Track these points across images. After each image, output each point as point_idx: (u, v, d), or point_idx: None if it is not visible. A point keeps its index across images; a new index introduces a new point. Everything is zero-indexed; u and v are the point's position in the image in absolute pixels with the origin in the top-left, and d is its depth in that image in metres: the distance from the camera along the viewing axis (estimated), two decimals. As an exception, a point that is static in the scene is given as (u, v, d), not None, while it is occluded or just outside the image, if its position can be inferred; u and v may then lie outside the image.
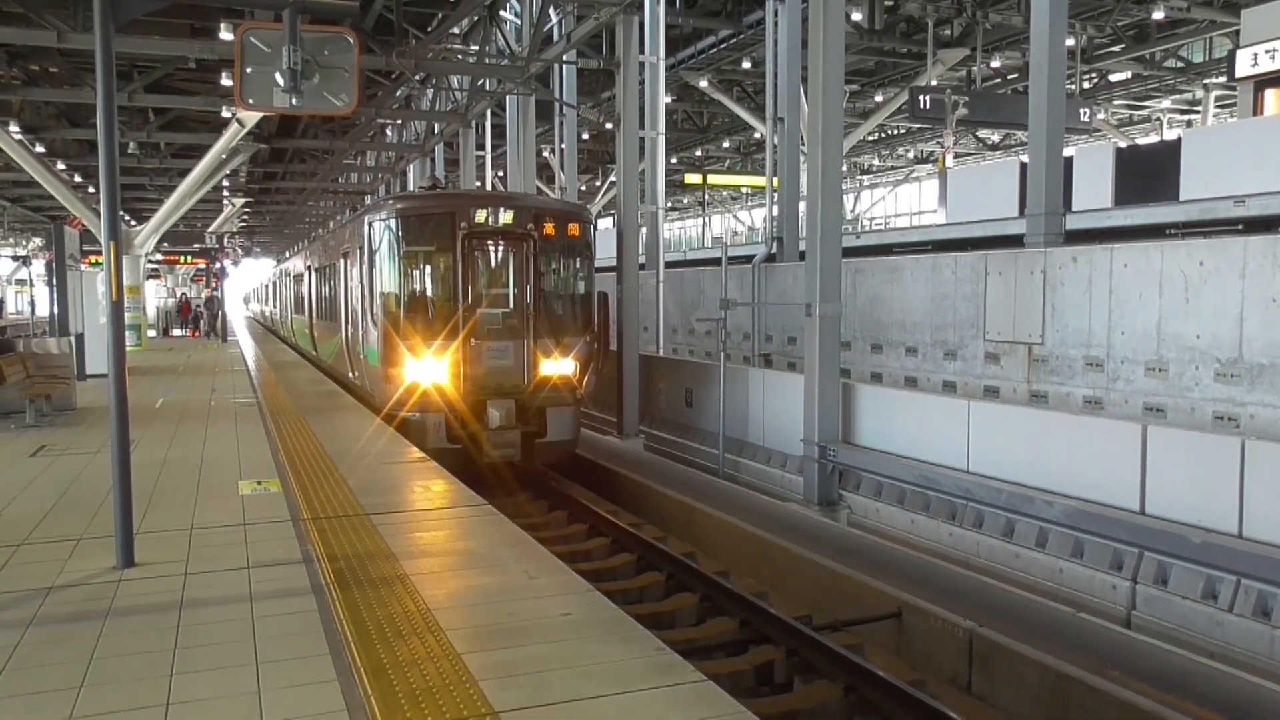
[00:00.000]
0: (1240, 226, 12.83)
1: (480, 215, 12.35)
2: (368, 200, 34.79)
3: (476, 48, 19.72)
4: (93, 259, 23.73)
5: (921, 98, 23.12)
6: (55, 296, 18.51)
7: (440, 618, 4.82)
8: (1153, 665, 6.44)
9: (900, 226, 46.02)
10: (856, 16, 23.14)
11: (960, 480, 10.55)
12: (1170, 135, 32.67)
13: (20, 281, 58.62)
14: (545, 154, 30.90)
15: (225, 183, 31.73)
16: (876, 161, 51.38)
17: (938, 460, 11.07)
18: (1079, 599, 8.75)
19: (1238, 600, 7.72)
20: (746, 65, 27.33)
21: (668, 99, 24.88)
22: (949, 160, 28.03)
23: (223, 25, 15.66)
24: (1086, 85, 31.07)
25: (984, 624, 6.95)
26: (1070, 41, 23.48)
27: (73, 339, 15.67)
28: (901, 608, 7.56)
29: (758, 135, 31.72)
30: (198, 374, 18.44)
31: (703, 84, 27.22)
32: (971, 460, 10.69)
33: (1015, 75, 29.77)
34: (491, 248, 12.60)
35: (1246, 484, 8.02)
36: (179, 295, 43.91)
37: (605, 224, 35.41)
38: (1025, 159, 15.53)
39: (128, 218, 34.80)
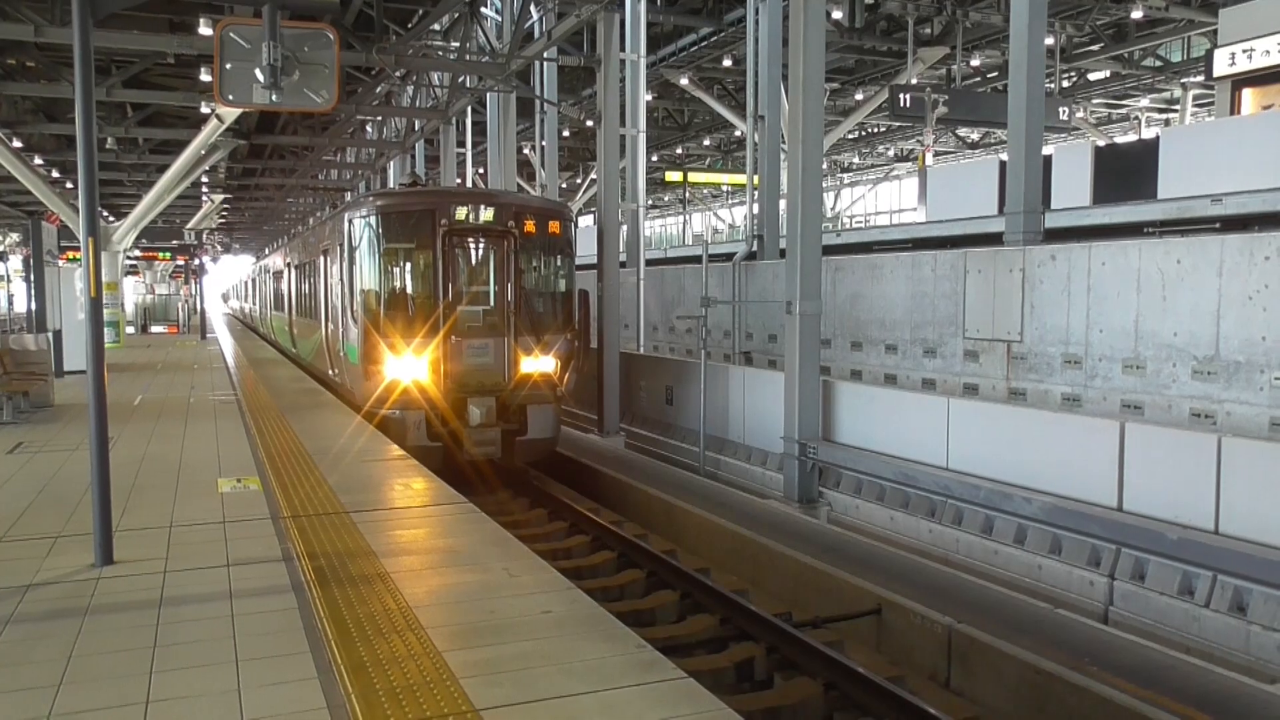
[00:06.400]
0: (1217, 225, 12.92)
1: (461, 212, 12.33)
2: (348, 197, 34.62)
3: (457, 44, 19.68)
4: (70, 255, 23.54)
5: (901, 96, 23.18)
6: (33, 293, 18.36)
7: (421, 615, 4.82)
8: (1130, 660, 6.49)
9: (880, 225, 46.20)
10: (837, 15, 23.21)
11: (939, 477, 10.60)
12: (1148, 134, 32.91)
13: (-4, 277, 57.94)
14: (526, 151, 30.80)
15: (204, 179, 31.54)
16: (857, 159, 51.53)
17: (917, 457, 11.11)
18: (1057, 595, 8.81)
19: (1214, 596, 7.79)
20: (727, 63, 27.38)
21: (648, 96, 24.87)
22: (929, 158, 28.10)
23: (202, 20, 15.61)
24: (1065, 84, 31.27)
25: (963, 620, 7.00)
26: (1049, 40, 23.60)
27: (50, 335, 15.53)
28: (881, 604, 7.60)
29: (738, 133, 31.66)
30: (177, 371, 18.32)
31: (683, 82, 27.21)
32: (951, 457, 10.74)
33: (995, 74, 29.94)
34: (472, 245, 12.60)
35: (1223, 480, 8.09)
36: None
37: (586, 221, 35.35)
38: (1004, 157, 15.60)
39: (106, 213, 34.48)
